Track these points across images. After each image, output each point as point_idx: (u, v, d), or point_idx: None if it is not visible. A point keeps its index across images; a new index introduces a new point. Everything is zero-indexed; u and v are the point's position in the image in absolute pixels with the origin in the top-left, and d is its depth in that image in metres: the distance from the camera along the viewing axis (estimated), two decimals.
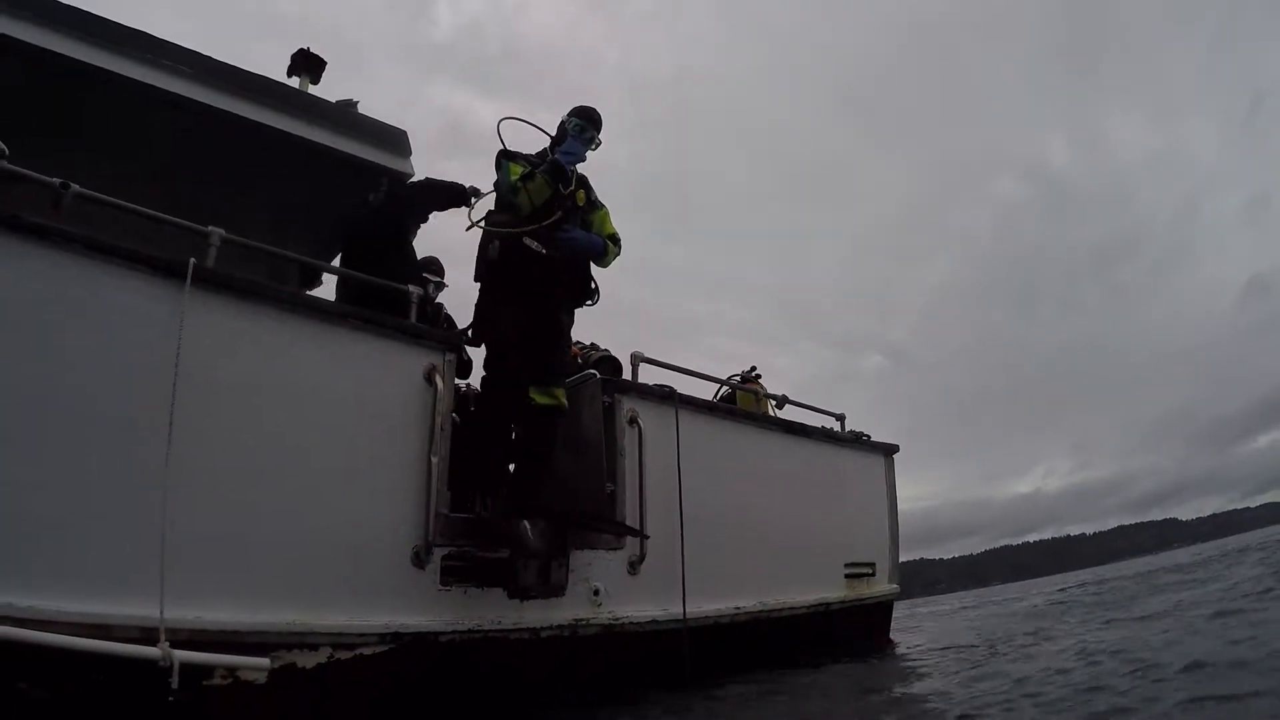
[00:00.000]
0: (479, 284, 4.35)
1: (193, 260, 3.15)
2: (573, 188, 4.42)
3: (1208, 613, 4.77)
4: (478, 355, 4.88)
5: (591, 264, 4.57)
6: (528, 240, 4.21)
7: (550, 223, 4.22)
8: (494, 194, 4.49)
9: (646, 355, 4.85)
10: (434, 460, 3.67)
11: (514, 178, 4.25)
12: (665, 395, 4.73)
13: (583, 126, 4.48)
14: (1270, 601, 5.09)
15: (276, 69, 4.68)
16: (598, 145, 4.52)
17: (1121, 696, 2.63)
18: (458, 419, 4.46)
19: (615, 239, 4.58)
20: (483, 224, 4.38)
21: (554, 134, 4.56)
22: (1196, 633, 4.02)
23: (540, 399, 4.23)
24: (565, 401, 4.39)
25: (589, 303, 4.57)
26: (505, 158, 4.37)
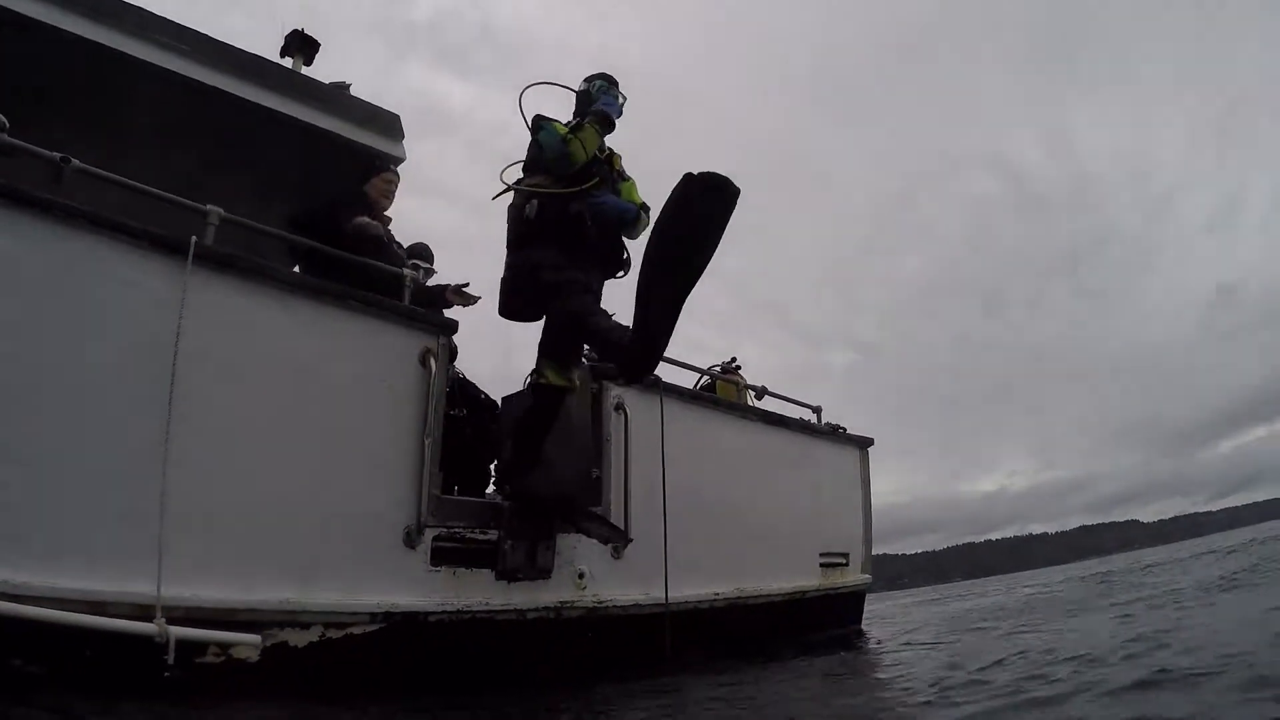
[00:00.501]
0: (512, 248, 4.25)
1: (195, 238, 3.19)
2: (609, 151, 4.41)
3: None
4: (472, 342, 4.91)
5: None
6: (569, 203, 4.12)
7: (589, 186, 4.16)
8: (520, 163, 4.38)
9: None
10: (427, 442, 3.74)
11: (562, 131, 4.17)
12: (650, 383, 4.82)
13: (606, 86, 4.46)
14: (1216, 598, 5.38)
15: (240, 39, 4.67)
16: (624, 101, 4.51)
17: (1066, 684, 2.76)
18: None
19: (646, 208, 4.43)
20: (518, 185, 4.27)
21: (578, 100, 4.51)
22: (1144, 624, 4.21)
23: (554, 378, 4.22)
24: (576, 383, 4.40)
25: (620, 274, 4.43)
26: (544, 119, 4.30)
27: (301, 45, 5.20)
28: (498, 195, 4.34)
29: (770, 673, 4.23)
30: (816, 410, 6.60)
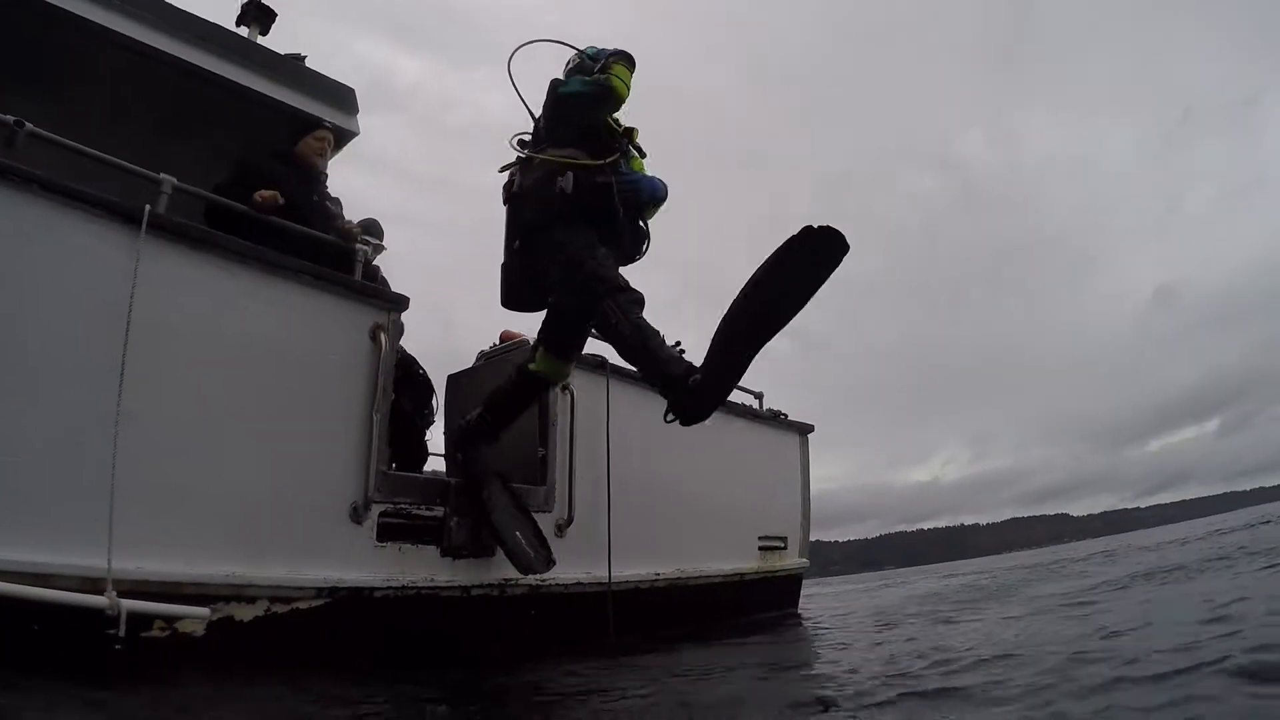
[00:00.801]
0: (531, 229, 3.93)
1: (149, 206, 3.25)
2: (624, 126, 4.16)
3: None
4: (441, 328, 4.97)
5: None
6: (599, 176, 3.87)
7: (613, 160, 3.93)
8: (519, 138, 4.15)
9: None
10: (375, 418, 3.86)
11: (590, 76, 3.94)
12: (597, 364, 4.98)
13: (598, 50, 4.11)
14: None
15: (192, 6, 4.62)
16: None
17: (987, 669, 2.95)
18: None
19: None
20: (548, 155, 3.94)
21: (575, 62, 4.18)
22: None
23: (541, 366, 4.20)
24: (566, 379, 4.42)
25: (639, 256, 4.20)
26: (560, 80, 4.07)
27: (258, 15, 5.23)
28: (507, 167, 4.15)
29: (709, 654, 4.39)
30: (758, 396, 6.82)
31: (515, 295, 4.18)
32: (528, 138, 4.17)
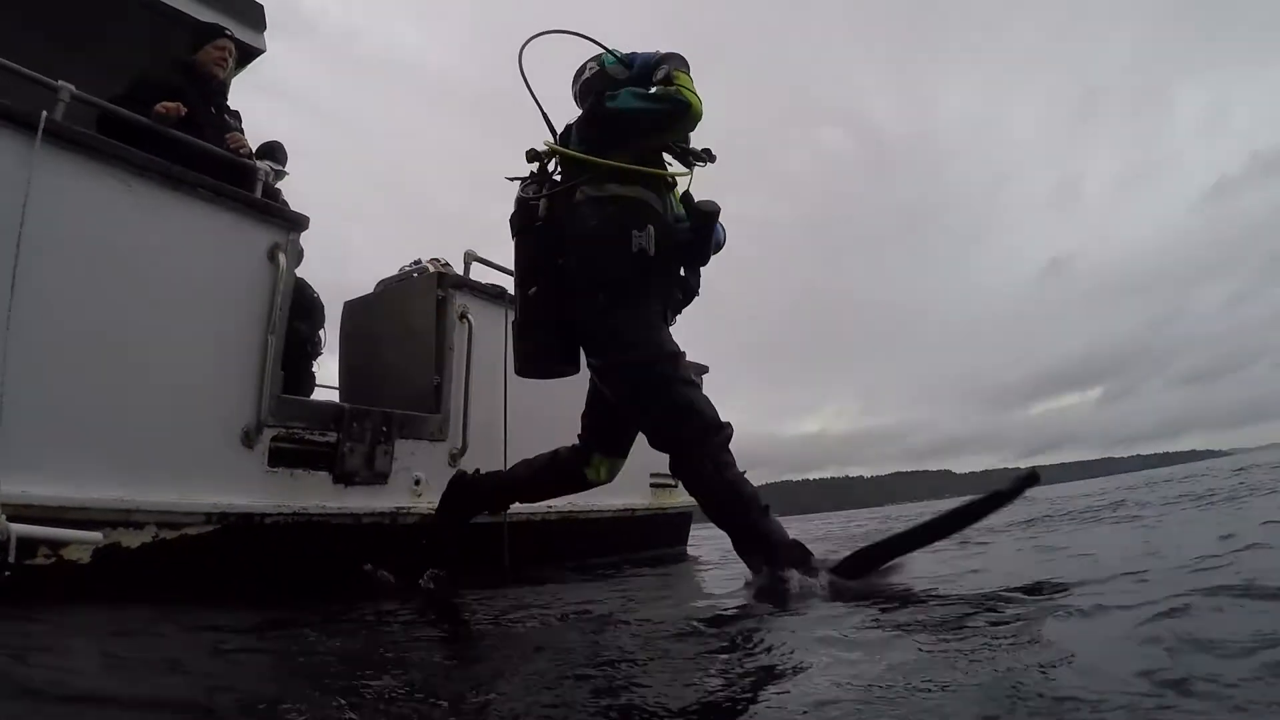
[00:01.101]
0: (591, 288, 3.48)
1: (45, 113, 3.19)
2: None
3: None
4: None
5: None
6: (707, 205, 3.56)
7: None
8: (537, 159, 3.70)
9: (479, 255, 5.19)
10: (270, 340, 3.91)
11: (651, 89, 3.49)
12: (496, 295, 5.11)
13: (630, 56, 3.73)
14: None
15: None
16: None
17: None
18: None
19: None
20: (615, 189, 3.46)
21: (594, 70, 3.81)
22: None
23: (602, 475, 4.04)
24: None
25: (685, 305, 3.89)
26: (607, 88, 3.57)
27: None
28: (533, 184, 3.73)
29: (595, 586, 4.60)
30: None
31: (540, 361, 3.78)
32: (543, 149, 3.66)
